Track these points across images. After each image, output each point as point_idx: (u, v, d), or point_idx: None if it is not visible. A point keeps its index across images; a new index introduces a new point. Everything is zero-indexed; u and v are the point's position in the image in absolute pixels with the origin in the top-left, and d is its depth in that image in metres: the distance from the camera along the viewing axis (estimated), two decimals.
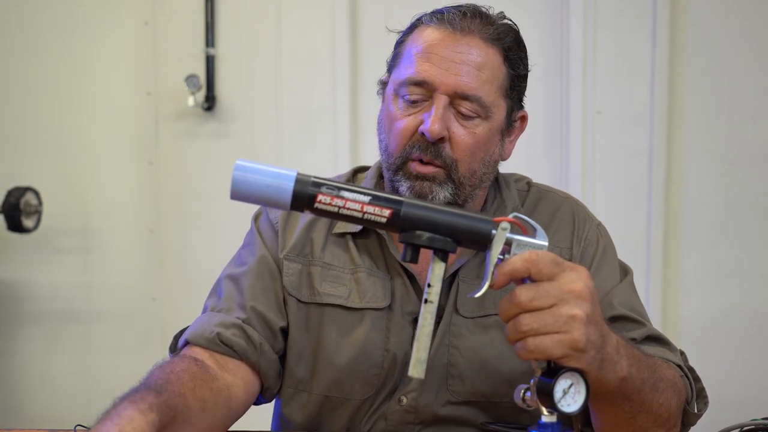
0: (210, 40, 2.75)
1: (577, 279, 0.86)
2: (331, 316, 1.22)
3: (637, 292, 1.27)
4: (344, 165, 2.71)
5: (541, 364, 0.87)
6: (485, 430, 1.21)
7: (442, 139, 1.14)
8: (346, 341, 1.21)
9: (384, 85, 1.25)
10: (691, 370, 1.17)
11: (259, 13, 2.76)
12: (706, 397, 1.18)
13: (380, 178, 1.30)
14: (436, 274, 0.87)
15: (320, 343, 1.22)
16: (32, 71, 2.87)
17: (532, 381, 0.87)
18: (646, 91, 2.61)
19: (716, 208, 2.62)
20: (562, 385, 0.85)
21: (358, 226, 1.22)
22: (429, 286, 0.87)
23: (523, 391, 0.88)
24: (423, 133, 1.14)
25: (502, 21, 1.20)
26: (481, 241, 0.87)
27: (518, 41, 1.20)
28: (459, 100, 1.14)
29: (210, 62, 2.76)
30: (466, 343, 1.20)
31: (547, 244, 0.88)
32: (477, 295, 0.87)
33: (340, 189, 0.87)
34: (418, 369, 0.87)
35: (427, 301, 0.87)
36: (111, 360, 2.87)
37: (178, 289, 2.84)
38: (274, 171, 0.87)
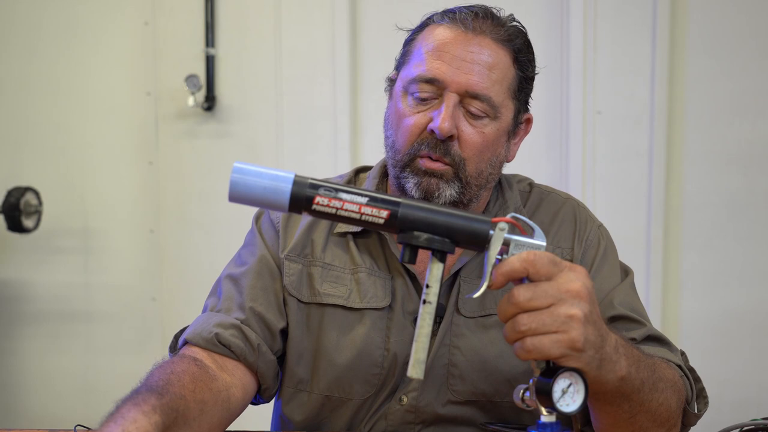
0: (210, 40, 2.75)
1: (575, 279, 0.86)
2: (331, 316, 1.22)
3: (637, 292, 1.27)
4: (344, 165, 2.71)
5: (540, 364, 0.87)
6: (486, 430, 1.21)
7: (451, 138, 1.14)
8: (346, 341, 1.21)
9: (392, 83, 1.25)
10: (692, 370, 1.17)
11: (259, 13, 2.76)
12: (706, 398, 1.18)
13: (383, 177, 1.30)
14: (435, 274, 0.87)
15: (321, 343, 1.22)
16: (32, 71, 2.87)
17: (531, 381, 0.87)
18: (646, 91, 2.60)
19: (716, 208, 2.61)
20: (560, 384, 0.85)
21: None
22: (427, 286, 0.87)
23: (522, 391, 0.88)
24: (432, 131, 1.14)
25: (512, 23, 1.21)
26: (479, 242, 0.87)
27: (527, 44, 1.21)
28: (469, 99, 1.15)
29: (210, 62, 2.76)
30: (467, 342, 1.20)
31: (545, 244, 0.88)
32: (475, 295, 0.87)
33: (337, 191, 0.87)
34: (417, 369, 0.87)
35: (425, 301, 0.87)
36: (111, 360, 2.87)
37: (178, 289, 2.84)
38: (271, 173, 0.86)
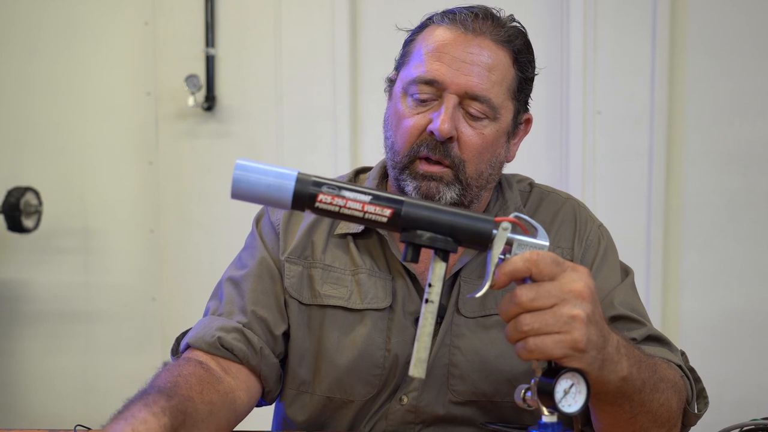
0: (210, 40, 2.75)
1: (578, 279, 0.86)
2: (332, 317, 1.22)
3: (637, 292, 1.27)
4: (344, 165, 2.71)
5: (541, 365, 0.87)
6: (486, 430, 1.21)
7: (450, 139, 1.14)
8: (347, 342, 1.21)
9: (391, 83, 1.25)
10: (692, 370, 1.17)
11: (259, 13, 2.76)
12: (706, 398, 1.18)
13: (383, 178, 1.30)
14: (437, 274, 0.87)
15: (322, 345, 1.22)
16: (32, 71, 2.87)
17: (533, 381, 0.87)
18: (646, 91, 2.61)
19: (716, 208, 2.62)
20: (562, 385, 0.85)
21: (359, 226, 1.22)
22: (430, 286, 0.87)
23: (523, 391, 0.87)
24: (432, 132, 1.14)
25: (512, 24, 1.20)
26: (482, 241, 0.87)
27: (527, 44, 1.21)
28: (468, 101, 1.15)
29: (210, 62, 2.76)
30: (468, 342, 1.20)
31: (548, 244, 0.87)
32: (478, 295, 0.87)
33: (341, 188, 0.87)
34: (418, 369, 0.87)
35: (427, 301, 0.87)
36: (111, 360, 2.87)
37: (178, 289, 2.84)
38: (275, 170, 0.86)
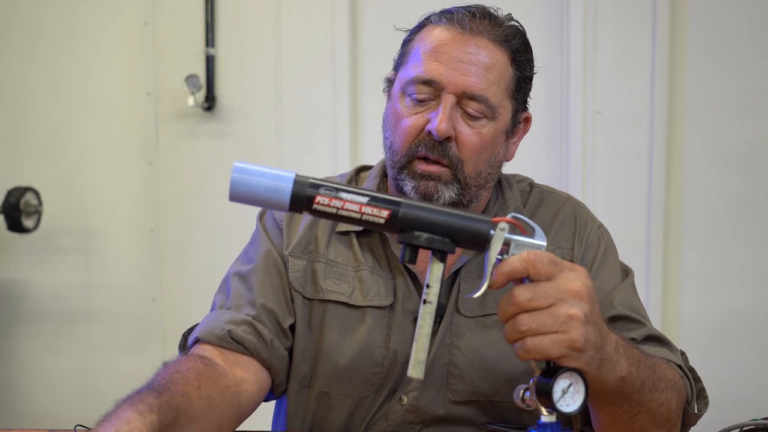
0: (210, 40, 2.75)
1: (576, 279, 0.86)
2: (333, 313, 1.22)
3: (637, 292, 1.27)
4: (344, 165, 2.71)
5: (540, 364, 0.87)
6: (486, 429, 1.21)
7: (448, 139, 1.15)
8: (347, 339, 1.21)
9: (390, 83, 1.25)
10: (692, 370, 1.17)
11: (259, 13, 2.76)
12: (706, 398, 1.18)
13: (383, 177, 1.30)
14: (435, 274, 0.87)
15: (322, 340, 1.22)
16: (32, 71, 2.87)
17: (532, 381, 0.87)
18: (646, 91, 2.60)
19: (716, 208, 2.61)
20: (561, 385, 0.85)
21: None
22: (428, 286, 0.87)
23: (522, 391, 0.87)
24: (430, 132, 1.14)
25: (510, 23, 1.20)
26: (480, 242, 0.87)
27: (525, 43, 1.21)
28: (466, 100, 1.15)
29: (210, 62, 2.76)
30: (467, 342, 1.20)
31: (545, 244, 0.88)
32: (476, 295, 0.87)
33: (338, 190, 0.87)
34: (417, 369, 0.87)
35: (425, 301, 0.87)
36: (111, 360, 2.87)
37: (178, 289, 2.83)
38: (272, 172, 0.86)
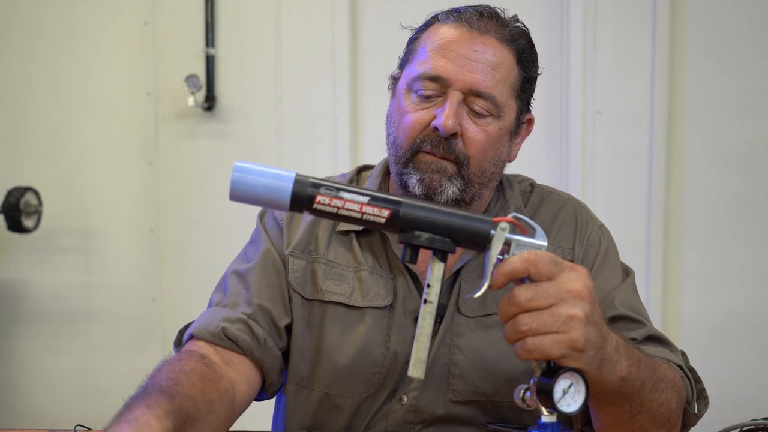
0: (210, 40, 2.75)
1: (576, 279, 0.86)
2: (333, 313, 1.22)
3: (638, 293, 1.27)
4: (344, 165, 2.71)
5: (540, 364, 0.87)
6: (486, 429, 1.21)
7: (454, 135, 1.15)
8: (347, 339, 1.21)
9: (395, 81, 1.25)
10: (692, 370, 1.17)
11: (259, 13, 2.76)
12: (706, 398, 1.18)
13: (385, 176, 1.30)
14: (435, 274, 0.87)
15: (322, 341, 1.22)
16: (32, 71, 2.87)
17: (532, 381, 0.87)
18: (646, 91, 2.60)
19: (716, 208, 2.61)
20: (561, 385, 0.85)
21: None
22: (428, 286, 0.87)
23: (522, 391, 0.87)
24: (436, 128, 1.14)
25: (516, 23, 1.21)
26: (480, 242, 0.87)
27: (531, 44, 1.22)
28: (473, 98, 1.15)
29: (210, 62, 2.76)
30: (468, 342, 1.20)
31: (546, 244, 0.87)
32: (476, 295, 0.87)
33: (338, 190, 0.86)
34: (417, 369, 0.87)
35: (426, 301, 0.87)
36: (111, 360, 2.87)
37: (178, 289, 2.84)
38: (273, 172, 0.86)
